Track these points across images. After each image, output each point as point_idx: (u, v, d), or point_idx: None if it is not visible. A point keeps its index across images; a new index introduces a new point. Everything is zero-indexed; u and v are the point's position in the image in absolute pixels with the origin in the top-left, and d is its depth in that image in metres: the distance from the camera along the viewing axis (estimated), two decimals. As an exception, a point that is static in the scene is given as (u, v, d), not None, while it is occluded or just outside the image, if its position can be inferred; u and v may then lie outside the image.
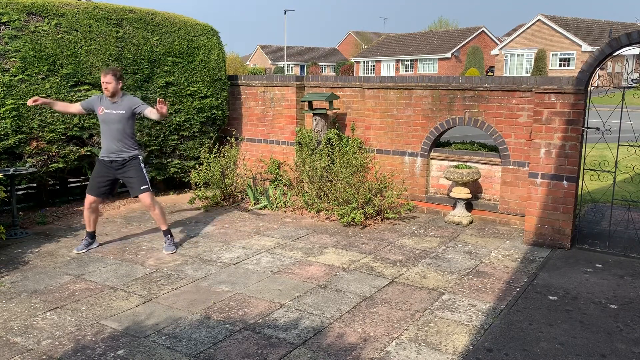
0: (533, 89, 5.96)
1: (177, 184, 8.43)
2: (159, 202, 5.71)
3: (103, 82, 5.38)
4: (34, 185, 7.34)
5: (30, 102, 5.27)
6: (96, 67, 6.75)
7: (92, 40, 6.74)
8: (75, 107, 5.62)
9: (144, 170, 5.59)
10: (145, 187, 5.53)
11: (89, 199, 5.55)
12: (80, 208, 7.25)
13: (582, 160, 5.91)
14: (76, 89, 6.62)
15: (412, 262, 5.35)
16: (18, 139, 6.18)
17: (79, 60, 6.62)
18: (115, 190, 5.97)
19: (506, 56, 44.56)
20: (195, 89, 7.78)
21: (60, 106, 5.61)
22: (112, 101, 5.43)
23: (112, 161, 5.48)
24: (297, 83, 8.12)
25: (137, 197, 5.60)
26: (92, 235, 5.66)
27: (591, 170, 6.08)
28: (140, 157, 5.61)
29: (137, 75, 7.18)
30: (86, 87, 6.69)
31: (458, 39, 50.32)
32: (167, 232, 5.67)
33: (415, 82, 7.13)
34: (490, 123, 6.63)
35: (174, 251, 5.58)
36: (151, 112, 5.46)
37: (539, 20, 42.45)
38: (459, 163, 6.88)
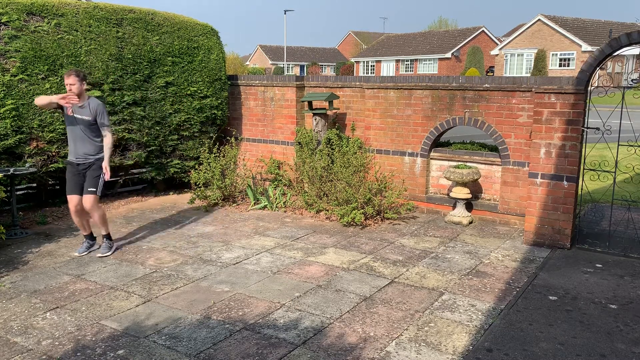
0: (533, 89, 5.96)
1: (177, 184, 8.43)
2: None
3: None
4: (34, 185, 7.34)
5: None
6: (96, 67, 6.75)
7: (92, 40, 6.74)
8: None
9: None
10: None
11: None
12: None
13: (582, 160, 5.91)
14: (76, 89, 6.62)
15: (412, 262, 5.35)
16: (18, 139, 6.17)
17: (79, 60, 6.62)
18: None
19: (506, 56, 44.56)
20: (195, 89, 7.78)
21: None
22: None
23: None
24: (297, 83, 8.12)
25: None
26: (91, 237, 5.65)
27: (591, 170, 6.08)
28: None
29: (137, 75, 7.18)
30: (86, 87, 6.67)
31: (458, 39, 50.31)
32: (109, 236, 5.61)
33: (415, 82, 7.13)
34: (490, 123, 6.63)
35: (107, 254, 5.46)
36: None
37: (539, 20, 42.43)
38: (459, 163, 6.88)
